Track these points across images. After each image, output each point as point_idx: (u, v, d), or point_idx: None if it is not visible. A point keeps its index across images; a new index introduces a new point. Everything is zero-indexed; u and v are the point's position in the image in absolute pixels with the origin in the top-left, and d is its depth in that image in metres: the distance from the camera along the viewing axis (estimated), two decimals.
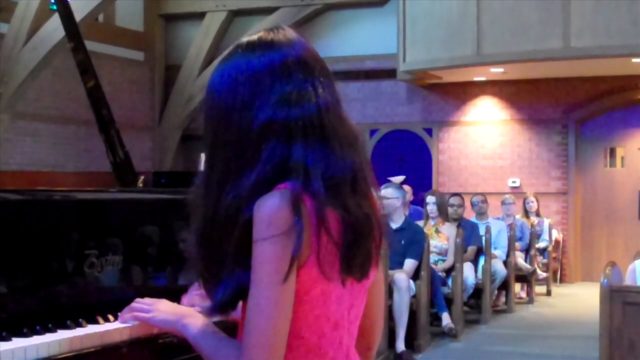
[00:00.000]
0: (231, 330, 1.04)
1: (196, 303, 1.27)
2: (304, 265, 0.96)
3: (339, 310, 1.00)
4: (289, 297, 0.95)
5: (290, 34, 1.02)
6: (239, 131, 0.98)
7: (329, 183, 0.97)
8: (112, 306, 1.50)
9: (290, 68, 0.99)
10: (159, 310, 1.14)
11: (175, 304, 1.16)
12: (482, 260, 5.56)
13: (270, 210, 0.94)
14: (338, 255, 0.97)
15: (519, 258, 6.30)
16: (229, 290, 0.98)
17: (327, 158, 0.97)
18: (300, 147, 0.96)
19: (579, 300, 6.57)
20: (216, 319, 1.06)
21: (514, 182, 8.02)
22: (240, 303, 1.00)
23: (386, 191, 4.52)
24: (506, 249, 5.99)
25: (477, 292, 5.46)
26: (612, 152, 7.94)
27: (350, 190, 0.98)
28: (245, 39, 1.03)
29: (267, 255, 0.94)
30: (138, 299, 1.24)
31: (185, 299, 1.34)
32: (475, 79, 7.96)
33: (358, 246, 0.98)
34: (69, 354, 1.38)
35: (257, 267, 0.95)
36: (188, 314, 1.09)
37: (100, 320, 1.50)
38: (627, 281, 3.10)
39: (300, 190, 0.95)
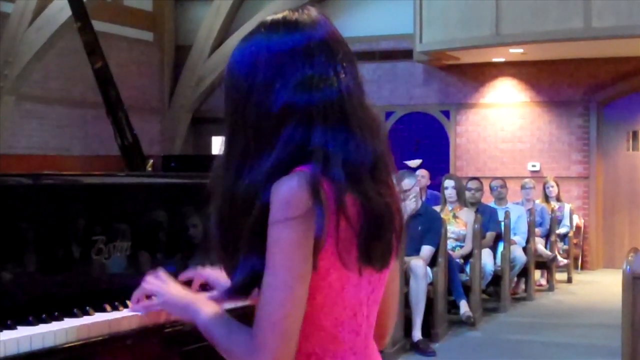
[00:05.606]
0: (244, 318, 1.01)
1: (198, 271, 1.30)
2: (321, 251, 0.94)
3: (357, 299, 0.98)
4: (304, 283, 0.93)
5: (315, 15, 1.01)
6: (258, 112, 0.98)
7: (348, 169, 0.96)
8: (120, 294, 1.47)
9: (313, 51, 0.98)
10: (170, 294, 1.13)
11: (184, 289, 1.15)
12: (501, 247, 5.47)
13: (288, 192, 0.93)
14: (356, 243, 0.96)
15: (539, 244, 6.20)
16: (243, 275, 0.97)
17: (347, 144, 0.96)
18: (321, 131, 0.96)
19: (601, 287, 6.48)
20: (233, 304, 1.05)
21: (533, 166, 7.89)
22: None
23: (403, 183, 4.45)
24: (526, 235, 5.89)
25: (496, 279, 5.38)
26: (635, 135, 7.77)
27: (370, 178, 0.97)
28: (269, 17, 1.02)
29: (283, 238, 0.92)
30: (148, 279, 1.21)
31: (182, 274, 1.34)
32: (494, 59, 7.81)
33: (378, 236, 0.97)
34: (75, 343, 1.35)
35: (272, 250, 0.93)
36: (198, 299, 1.08)
37: (108, 308, 1.47)
38: None
39: (320, 174, 0.94)
